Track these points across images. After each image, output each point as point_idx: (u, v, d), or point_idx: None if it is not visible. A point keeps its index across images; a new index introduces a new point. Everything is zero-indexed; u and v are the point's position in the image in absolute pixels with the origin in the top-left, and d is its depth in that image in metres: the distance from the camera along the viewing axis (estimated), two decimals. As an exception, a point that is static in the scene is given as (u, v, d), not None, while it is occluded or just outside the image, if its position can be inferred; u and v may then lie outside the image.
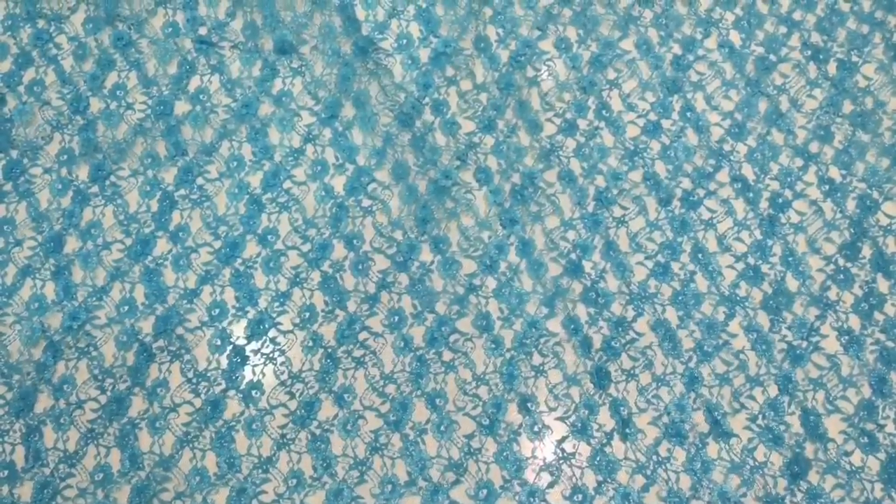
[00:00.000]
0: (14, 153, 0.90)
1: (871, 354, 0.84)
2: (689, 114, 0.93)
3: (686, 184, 0.90)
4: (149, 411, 0.81)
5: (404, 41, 0.95)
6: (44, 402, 0.81)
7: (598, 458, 0.81)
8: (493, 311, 0.85)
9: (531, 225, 0.88)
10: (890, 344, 0.85)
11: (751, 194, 0.90)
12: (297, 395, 0.82)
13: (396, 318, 0.84)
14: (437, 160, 0.90)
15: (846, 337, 0.85)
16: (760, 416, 0.82)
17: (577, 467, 0.80)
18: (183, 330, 0.84)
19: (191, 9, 0.95)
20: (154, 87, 0.92)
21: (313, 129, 0.91)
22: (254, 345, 0.84)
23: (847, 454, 0.81)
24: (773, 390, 0.83)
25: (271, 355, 0.83)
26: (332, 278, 0.86)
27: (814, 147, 0.92)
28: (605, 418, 0.82)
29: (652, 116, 0.93)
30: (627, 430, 0.81)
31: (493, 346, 0.84)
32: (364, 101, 0.92)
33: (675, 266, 0.87)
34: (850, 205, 0.90)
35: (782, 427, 0.82)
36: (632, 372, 0.83)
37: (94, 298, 0.85)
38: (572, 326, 0.84)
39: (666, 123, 0.93)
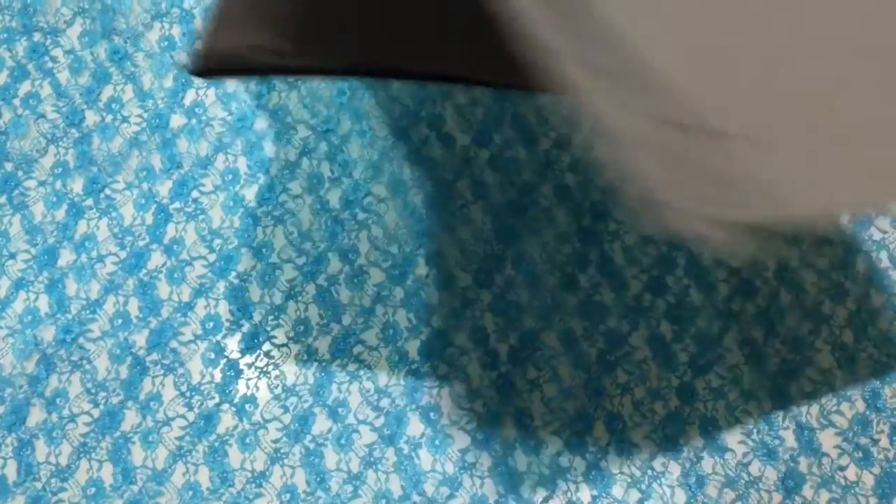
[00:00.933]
0: (9, 166, 0.90)
1: (865, 369, 0.85)
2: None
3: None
4: (142, 425, 0.81)
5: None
6: (36, 416, 0.81)
7: (592, 472, 0.80)
8: (488, 325, 0.85)
9: (528, 238, 0.88)
10: (883, 358, 0.85)
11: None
12: (291, 408, 0.82)
13: (391, 331, 0.84)
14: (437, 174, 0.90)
15: (840, 351, 0.85)
16: (755, 431, 0.82)
17: (572, 482, 0.80)
18: (177, 343, 0.83)
19: (186, 23, 0.96)
20: (149, 101, 0.92)
21: (309, 143, 0.91)
22: (248, 358, 0.83)
23: (842, 468, 0.81)
24: (767, 405, 0.83)
25: (265, 369, 0.83)
26: (328, 291, 0.86)
27: (807, 161, 0.93)
28: (600, 432, 0.82)
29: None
30: None
31: (488, 358, 0.84)
32: (361, 115, 0.92)
33: (669, 280, 0.87)
34: (844, 219, 0.90)
35: (777, 441, 0.82)
36: (626, 386, 0.83)
37: (88, 311, 0.84)
38: (568, 340, 0.84)
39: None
